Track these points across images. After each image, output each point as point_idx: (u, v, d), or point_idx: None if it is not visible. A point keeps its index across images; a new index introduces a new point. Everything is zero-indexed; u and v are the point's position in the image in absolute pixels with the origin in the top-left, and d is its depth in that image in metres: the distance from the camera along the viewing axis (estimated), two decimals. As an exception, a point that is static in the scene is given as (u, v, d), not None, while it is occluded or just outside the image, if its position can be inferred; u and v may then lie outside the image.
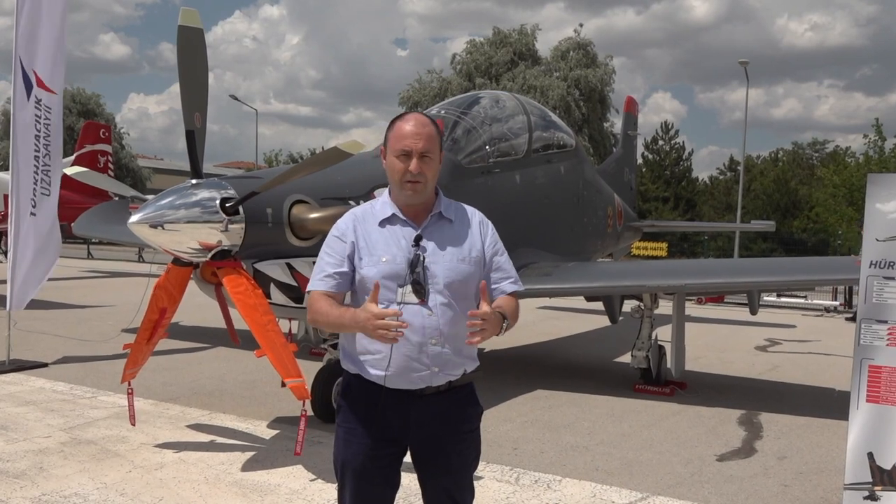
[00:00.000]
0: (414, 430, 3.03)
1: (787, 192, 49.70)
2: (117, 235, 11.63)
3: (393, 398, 3.00)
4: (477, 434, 3.20)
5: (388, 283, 2.95)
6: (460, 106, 9.73)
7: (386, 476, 3.09)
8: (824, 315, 19.28)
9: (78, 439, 6.36)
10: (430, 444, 3.07)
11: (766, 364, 11.51)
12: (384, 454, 3.05)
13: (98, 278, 22.63)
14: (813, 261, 13.98)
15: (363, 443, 3.02)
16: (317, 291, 3.04)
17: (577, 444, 6.82)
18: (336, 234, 3.10)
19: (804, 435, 7.40)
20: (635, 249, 27.07)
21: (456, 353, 3.02)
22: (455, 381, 3.06)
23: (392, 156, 3.03)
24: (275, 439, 6.58)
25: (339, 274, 3.03)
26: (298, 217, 6.10)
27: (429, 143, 3.01)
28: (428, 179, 3.02)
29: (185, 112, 5.83)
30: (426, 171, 3.00)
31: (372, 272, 2.97)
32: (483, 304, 2.85)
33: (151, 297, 6.02)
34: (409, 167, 2.98)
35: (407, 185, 3.00)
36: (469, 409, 3.16)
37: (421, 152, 2.99)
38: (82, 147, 23.01)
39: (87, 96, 55.15)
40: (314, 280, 3.07)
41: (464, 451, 3.14)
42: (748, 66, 34.44)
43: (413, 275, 2.93)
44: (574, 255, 10.76)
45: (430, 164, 3.02)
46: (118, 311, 13.97)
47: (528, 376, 9.80)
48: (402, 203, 3.06)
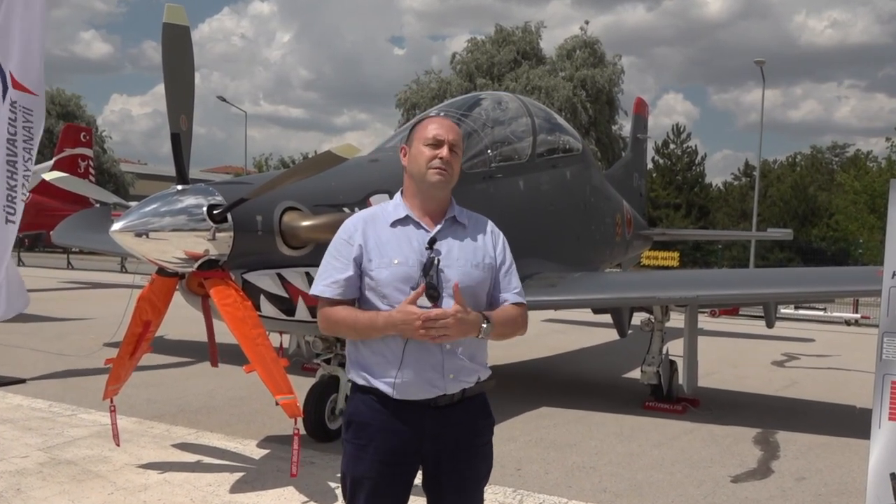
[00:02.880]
0: (427, 445, 3.06)
1: (805, 198, 49.73)
2: (99, 244, 11.63)
3: (405, 410, 3.03)
4: (490, 447, 3.26)
5: (401, 286, 3.01)
6: (460, 108, 9.74)
7: (397, 494, 3.11)
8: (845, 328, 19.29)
9: (57, 459, 6.36)
10: (444, 458, 3.10)
11: (784, 380, 11.52)
12: (397, 471, 3.08)
13: (78, 289, 22.61)
14: (832, 271, 14.02)
15: (374, 459, 3.05)
16: (325, 300, 3.10)
17: (583, 464, 6.82)
18: (343, 237, 3.15)
19: (823, 455, 7.40)
20: (645, 259, 27.09)
21: (470, 359, 3.09)
22: (469, 391, 3.12)
23: (421, 144, 3.14)
24: (265, 459, 6.57)
25: (346, 280, 3.08)
26: (290, 225, 6.11)
27: (458, 139, 3.17)
28: (454, 172, 3.14)
29: (170, 114, 5.86)
30: (454, 164, 3.13)
31: (384, 274, 3.03)
32: (454, 304, 2.91)
33: (135, 309, 6.03)
34: (440, 153, 3.10)
35: (434, 172, 3.10)
36: (481, 420, 3.22)
37: (451, 143, 3.13)
38: (62, 151, 23.00)
39: (66, 97, 55.36)
40: (320, 284, 3.12)
41: (478, 464, 3.20)
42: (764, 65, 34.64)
43: (427, 278, 2.98)
44: (581, 265, 10.77)
45: (457, 160, 3.15)
46: (100, 325, 13.95)
47: (533, 393, 9.80)
48: (420, 198, 3.14)
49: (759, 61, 34.65)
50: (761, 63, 34.55)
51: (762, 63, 34.58)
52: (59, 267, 30.47)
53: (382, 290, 3.03)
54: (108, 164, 55.41)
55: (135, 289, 6.91)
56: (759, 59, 34.70)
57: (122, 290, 15.98)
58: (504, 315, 3.13)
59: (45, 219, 17.56)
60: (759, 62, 34.59)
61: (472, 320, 2.95)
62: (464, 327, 2.92)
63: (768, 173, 54.43)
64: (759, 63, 34.61)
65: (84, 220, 13.19)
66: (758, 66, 34.63)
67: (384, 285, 3.02)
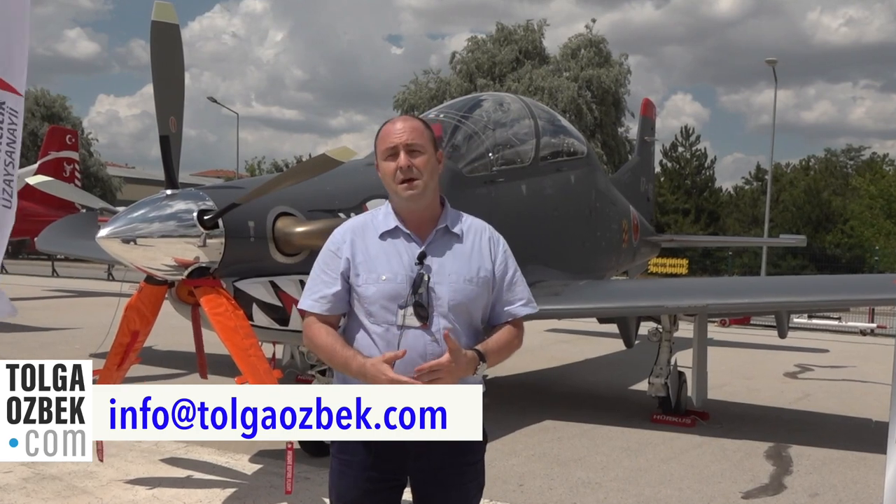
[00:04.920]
0: (413, 462, 3.05)
1: (819, 203, 49.75)
2: (85, 251, 11.65)
3: None
4: (481, 466, 3.21)
5: (388, 304, 2.98)
6: (461, 109, 9.76)
7: None
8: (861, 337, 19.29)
9: (41, 474, 6.36)
10: (430, 477, 3.09)
11: (797, 392, 11.52)
12: (381, 487, 3.07)
13: (63, 298, 22.60)
14: (847, 279, 14.00)
15: (359, 475, 3.04)
16: (313, 315, 3.08)
17: (588, 479, 6.82)
18: (331, 249, 3.13)
19: (838, 470, 7.40)
20: (653, 266, 27.12)
21: (460, 381, 3.04)
22: None
23: (381, 160, 3.08)
24: (257, 474, 6.58)
25: (333, 295, 3.07)
26: (283, 231, 6.12)
27: (414, 135, 3.05)
28: (424, 175, 3.04)
29: (159, 116, 5.87)
30: (418, 166, 3.02)
31: (371, 291, 3.00)
32: (446, 353, 2.89)
33: (122, 318, 6.02)
34: (399, 163, 3.02)
35: (402, 186, 3.03)
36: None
37: (406, 144, 3.03)
38: (46, 154, 23.01)
39: (51, 98, 55.39)
40: (307, 299, 3.11)
41: (466, 483, 3.16)
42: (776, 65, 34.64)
43: (416, 296, 2.96)
44: (586, 272, 10.78)
45: (422, 158, 3.04)
46: (86, 335, 13.96)
47: (536, 405, 9.81)
48: (405, 212, 3.09)
49: (770, 61, 34.68)
50: (773, 62, 34.58)
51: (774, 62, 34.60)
52: (43, 275, 30.45)
53: (368, 307, 3.01)
54: (94, 168, 55.42)
55: (122, 297, 6.90)
56: (771, 59, 34.73)
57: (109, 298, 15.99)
58: (498, 344, 3.11)
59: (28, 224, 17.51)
60: (771, 62, 34.62)
61: (466, 365, 2.94)
62: (459, 374, 2.92)
63: (780, 177, 54.49)
64: (770, 62, 34.63)
65: (69, 226, 13.22)
66: (770, 65, 34.66)
67: (370, 302, 3.00)
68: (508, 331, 3.16)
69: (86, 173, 44.83)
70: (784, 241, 25.56)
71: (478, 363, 2.98)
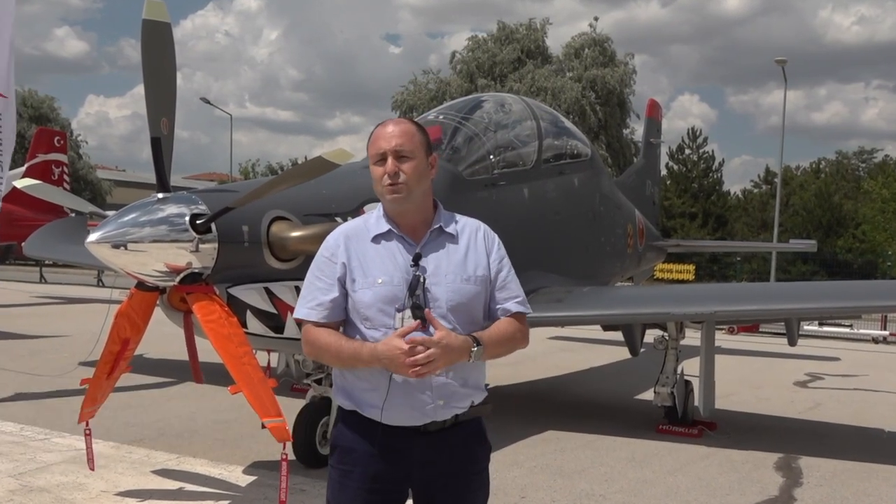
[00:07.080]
0: (416, 472, 3.06)
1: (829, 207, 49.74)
2: (74, 256, 11.64)
3: (393, 436, 3.03)
4: (486, 475, 3.23)
5: (385, 308, 3.00)
6: (461, 110, 9.77)
7: None
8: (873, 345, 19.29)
9: (29, 486, 6.36)
10: (434, 488, 3.10)
11: (807, 401, 11.52)
12: (383, 499, 3.08)
13: (52, 305, 22.61)
14: (859, 285, 14.01)
15: (360, 487, 3.05)
16: (310, 322, 3.08)
17: (592, 492, 6.83)
18: (325, 255, 3.14)
19: (849, 482, 7.40)
20: (659, 272, 27.14)
21: (462, 384, 3.07)
22: (462, 416, 3.10)
23: (371, 163, 3.12)
24: (251, 486, 6.58)
25: (331, 301, 3.08)
26: (278, 236, 6.12)
27: (403, 139, 3.08)
28: (410, 180, 3.06)
29: (150, 117, 5.87)
30: (406, 171, 3.06)
31: (367, 296, 3.02)
32: (437, 331, 2.89)
33: (112, 326, 6.03)
34: (385, 168, 3.05)
35: (387, 190, 3.07)
36: (477, 447, 3.20)
37: (395, 150, 3.06)
38: (34, 156, 23.02)
39: (39, 99, 55.47)
40: (303, 307, 3.12)
41: (471, 494, 3.18)
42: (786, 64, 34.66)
43: (413, 298, 2.97)
44: (589, 278, 10.79)
45: (410, 164, 3.07)
46: (75, 342, 13.94)
47: (538, 415, 9.81)
48: (396, 215, 3.11)
49: (780, 60, 34.71)
50: (783, 62, 34.60)
51: (784, 62, 34.63)
52: (31, 281, 30.42)
53: (365, 312, 3.02)
54: (83, 171, 55.47)
55: (112, 304, 6.92)
56: (781, 59, 34.76)
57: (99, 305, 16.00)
58: (498, 333, 3.11)
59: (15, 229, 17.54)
60: (781, 61, 34.65)
61: (459, 346, 2.93)
62: (451, 355, 2.91)
63: (790, 180, 54.52)
64: (780, 62, 34.66)
65: (58, 231, 13.21)
66: (779, 65, 34.68)
67: (367, 307, 3.01)
68: (509, 322, 3.16)
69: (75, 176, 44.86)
70: (794, 247, 25.58)
71: (472, 346, 2.97)
